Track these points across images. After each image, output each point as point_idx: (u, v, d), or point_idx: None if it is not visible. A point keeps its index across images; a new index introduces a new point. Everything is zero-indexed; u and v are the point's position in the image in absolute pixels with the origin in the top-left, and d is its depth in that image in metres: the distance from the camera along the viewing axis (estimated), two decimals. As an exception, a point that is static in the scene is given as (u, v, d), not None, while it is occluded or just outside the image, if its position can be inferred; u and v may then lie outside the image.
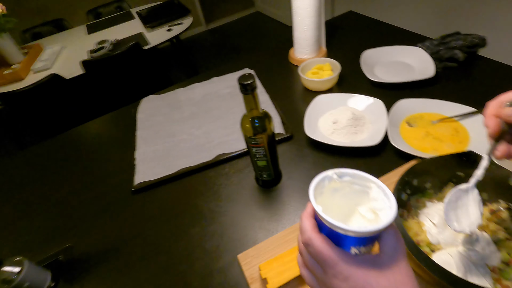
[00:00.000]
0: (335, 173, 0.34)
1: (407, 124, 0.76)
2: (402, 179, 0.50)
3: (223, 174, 0.76)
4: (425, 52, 0.95)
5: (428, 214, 0.50)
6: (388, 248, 0.29)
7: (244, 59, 1.20)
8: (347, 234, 0.28)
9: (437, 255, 0.45)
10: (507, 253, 0.45)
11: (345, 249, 0.30)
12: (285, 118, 0.86)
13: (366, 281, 0.27)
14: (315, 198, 0.31)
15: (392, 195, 0.30)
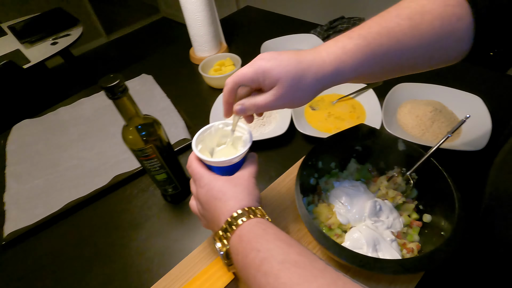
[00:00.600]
0: (221, 123, 0.46)
1: (310, 108, 0.77)
2: (304, 164, 0.47)
3: (123, 198, 0.65)
4: (318, 38, 0.99)
5: (336, 194, 0.49)
6: (242, 171, 0.41)
7: (145, 66, 1.08)
8: (212, 165, 0.42)
9: (348, 234, 0.44)
10: (408, 216, 0.46)
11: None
12: (190, 121, 0.79)
13: (220, 188, 0.38)
14: (198, 143, 0.45)
15: (250, 137, 0.43)
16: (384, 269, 0.33)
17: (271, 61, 0.36)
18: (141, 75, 0.99)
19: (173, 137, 0.73)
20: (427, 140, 0.65)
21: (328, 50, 0.36)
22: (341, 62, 0.36)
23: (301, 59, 0.36)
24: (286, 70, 0.35)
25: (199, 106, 0.85)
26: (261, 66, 0.36)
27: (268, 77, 0.36)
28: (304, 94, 0.38)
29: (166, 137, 0.54)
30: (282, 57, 0.36)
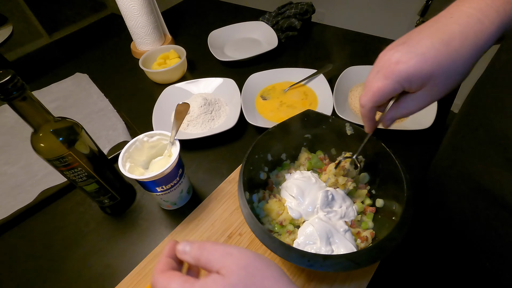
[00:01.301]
0: (145, 135, 0.49)
1: (261, 98, 0.73)
2: (249, 158, 0.43)
3: (55, 215, 0.56)
4: (267, 25, 0.95)
5: (286, 188, 0.46)
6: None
7: (82, 64, 0.97)
8: (145, 181, 0.44)
9: (301, 229, 0.41)
10: (361, 202, 0.45)
11: (153, 190, 0.47)
12: (132, 122, 0.71)
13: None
14: (125, 161, 0.46)
15: (177, 143, 0.47)
16: (334, 266, 0.31)
17: (413, 60, 0.27)
18: (75, 74, 0.88)
19: (112, 140, 0.65)
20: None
21: (476, 5, 0.27)
22: (504, 11, 0.27)
23: (448, 37, 0.27)
24: (438, 63, 0.27)
25: (141, 104, 0.78)
26: (402, 72, 0.28)
27: (415, 81, 0.28)
28: (463, 74, 0.29)
29: (93, 142, 0.47)
30: (423, 46, 0.27)
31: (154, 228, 0.53)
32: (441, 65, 0.27)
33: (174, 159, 0.45)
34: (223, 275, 0.24)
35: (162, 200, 0.51)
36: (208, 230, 0.51)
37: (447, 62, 0.27)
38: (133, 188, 0.58)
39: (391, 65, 0.28)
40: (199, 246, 0.27)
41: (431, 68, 0.27)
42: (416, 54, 0.27)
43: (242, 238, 0.49)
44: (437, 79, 0.28)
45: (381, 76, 0.28)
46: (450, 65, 0.27)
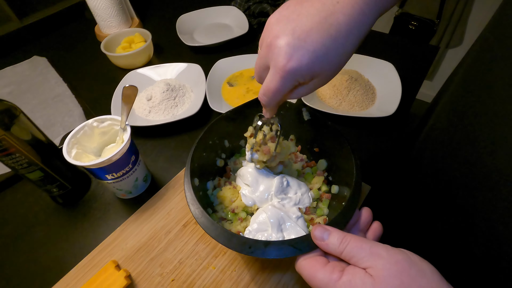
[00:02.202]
0: (95, 120, 0.46)
1: (228, 85, 0.71)
2: (200, 143, 0.42)
3: (2, 206, 0.53)
4: (239, 10, 0.92)
5: (241, 175, 0.44)
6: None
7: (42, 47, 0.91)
8: (92, 168, 0.42)
9: (254, 217, 0.40)
10: (317, 189, 0.44)
11: (103, 178, 0.45)
12: (89, 108, 0.68)
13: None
14: (71, 147, 0.44)
15: (128, 128, 0.45)
16: (276, 252, 0.30)
17: (304, 58, 0.26)
18: (32, 58, 0.83)
19: (66, 127, 0.62)
20: (344, 110, 0.64)
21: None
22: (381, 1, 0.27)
23: (335, 30, 0.26)
24: (327, 60, 0.27)
25: (103, 90, 0.74)
26: (296, 71, 0.27)
27: (307, 76, 0.28)
28: (345, 64, 0.29)
29: (36, 127, 0.44)
30: (313, 42, 0.26)
31: (108, 218, 0.51)
32: (330, 62, 0.27)
33: (123, 145, 0.42)
34: (373, 278, 0.24)
35: (115, 188, 0.48)
36: (164, 218, 0.49)
37: (334, 58, 0.27)
38: (87, 176, 0.55)
39: (284, 62, 0.27)
40: (341, 239, 0.27)
41: (321, 65, 0.27)
42: (307, 51, 0.26)
43: (198, 227, 0.48)
44: (326, 72, 0.28)
45: (278, 77, 0.28)
46: (337, 60, 0.28)
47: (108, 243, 0.46)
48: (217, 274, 0.43)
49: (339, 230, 0.28)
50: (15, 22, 2.30)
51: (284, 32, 0.27)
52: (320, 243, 0.28)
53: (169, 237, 0.47)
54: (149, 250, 0.46)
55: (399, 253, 0.25)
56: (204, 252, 0.45)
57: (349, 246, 0.26)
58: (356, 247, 0.26)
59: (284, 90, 0.29)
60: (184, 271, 0.43)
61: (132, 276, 0.43)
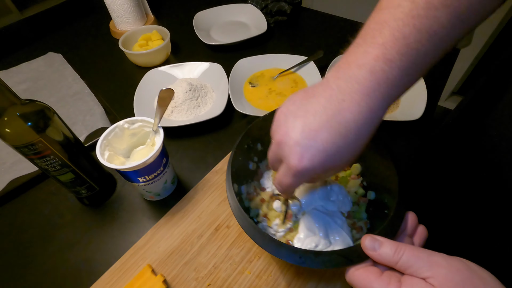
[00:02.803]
0: (126, 122, 0.45)
1: (249, 85, 0.70)
2: (238, 148, 0.41)
3: (26, 207, 0.52)
4: (256, 8, 0.91)
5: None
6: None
7: (55, 43, 0.89)
8: (126, 171, 0.41)
9: (301, 224, 0.40)
10: (355, 193, 0.44)
11: (135, 180, 0.44)
12: (111, 107, 0.66)
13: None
14: (103, 149, 0.43)
15: (161, 131, 0.44)
16: (326, 262, 0.29)
17: (316, 157, 0.26)
18: (47, 54, 0.81)
19: (88, 126, 0.61)
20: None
21: (361, 86, 0.25)
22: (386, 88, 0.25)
23: (345, 129, 0.26)
24: (339, 158, 0.27)
25: (121, 88, 0.73)
26: (308, 171, 0.27)
27: (319, 173, 0.28)
28: (357, 156, 0.29)
29: (67, 127, 0.43)
30: (323, 141, 0.26)
31: (136, 220, 0.50)
32: (342, 158, 0.27)
33: (157, 148, 0.42)
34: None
35: (145, 190, 0.48)
36: (194, 222, 0.49)
37: (346, 154, 0.27)
38: (113, 177, 0.54)
39: (295, 162, 0.27)
40: (394, 248, 0.26)
41: (333, 162, 0.27)
42: (318, 151, 0.26)
43: (230, 231, 0.47)
44: (339, 167, 0.28)
45: (291, 175, 0.28)
46: (349, 155, 0.27)
47: (140, 246, 0.46)
48: (253, 279, 0.42)
49: (389, 239, 0.28)
50: (15, 14, 2.25)
51: (293, 131, 0.27)
52: (372, 254, 0.28)
53: (201, 241, 0.46)
54: (182, 254, 0.45)
55: (457, 262, 0.25)
56: (238, 257, 0.45)
57: (405, 255, 0.26)
58: (413, 257, 0.26)
59: (297, 185, 0.30)
60: (219, 275, 0.43)
61: (167, 280, 0.42)
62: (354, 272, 0.28)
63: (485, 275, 0.24)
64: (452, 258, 0.25)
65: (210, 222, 0.48)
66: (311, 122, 0.26)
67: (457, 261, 0.25)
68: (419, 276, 0.25)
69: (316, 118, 0.26)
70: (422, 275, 0.25)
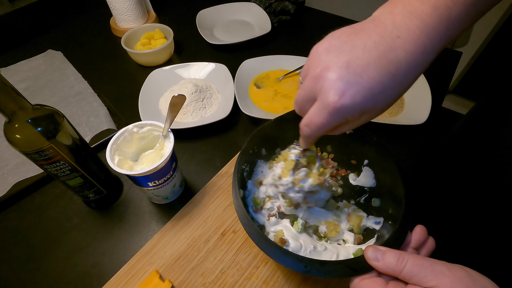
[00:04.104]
0: (135, 126, 0.45)
1: (255, 86, 0.70)
2: (243, 155, 0.41)
3: (32, 210, 0.52)
4: (260, 7, 0.90)
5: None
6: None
7: (53, 40, 0.88)
8: (136, 176, 0.41)
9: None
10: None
11: (145, 185, 0.44)
12: (114, 108, 0.66)
13: None
14: (113, 154, 0.42)
15: (171, 136, 0.44)
16: (331, 272, 0.30)
17: (359, 94, 0.24)
18: (47, 51, 0.80)
19: (93, 128, 0.60)
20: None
21: (420, 21, 0.24)
22: (445, 34, 0.24)
23: (395, 68, 0.24)
24: (383, 99, 0.25)
25: (125, 88, 0.72)
26: (348, 108, 0.25)
27: (358, 113, 0.26)
28: (398, 99, 0.27)
29: (75, 131, 0.42)
30: (370, 79, 0.24)
31: (144, 223, 0.50)
32: (385, 100, 0.26)
33: (168, 153, 0.42)
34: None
35: (154, 194, 0.48)
36: (201, 226, 0.49)
37: (391, 96, 0.25)
38: (119, 180, 0.54)
39: (335, 98, 0.24)
40: (397, 257, 0.27)
41: (375, 103, 0.25)
42: (363, 87, 0.24)
43: (236, 236, 0.48)
44: (378, 110, 0.26)
45: (326, 113, 0.26)
46: (393, 98, 0.26)
47: (147, 251, 0.46)
48: (260, 285, 0.43)
49: (392, 249, 0.28)
50: (5, 5, 2.19)
51: (337, 64, 0.24)
52: (375, 264, 0.28)
53: (208, 246, 0.47)
54: (189, 259, 0.45)
55: (460, 270, 0.25)
56: (245, 262, 0.45)
57: (409, 264, 0.26)
58: (417, 266, 0.26)
59: (329, 126, 0.27)
60: (226, 281, 0.43)
61: (175, 286, 0.43)
62: (359, 283, 0.28)
63: (487, 282, 0.25)
64: (454, 266, 0.25)
65: (216, 227, 0.49)
66: (359, 57, 0.24)
67: (459, 269, 0.25)
68: (424, 285, 0.25)
69: (366, 52, 0.24)
70: (427, 284, 0.25)
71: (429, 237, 0.33)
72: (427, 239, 0.33)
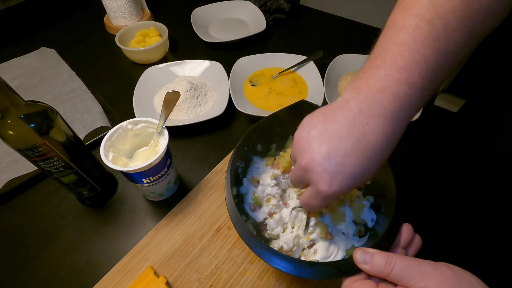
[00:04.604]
0: (129, 122, 0.45)
1: (250, 84, 0.70)
2: (238, 151, 0.41)
3: (25, 208, 0.51)
4: (255, 6, 0.90)
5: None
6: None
7: (46, 37, 0.87)
8: (131, 172, 0.41)
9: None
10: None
11: (139, 181, 0.44)
12: (109, 105, 0.66)
13: None
14: (107, 151, 0.42)
15: (166, 133, 0.44)
16: (320, 273, 0.30)
17: (344, 182, 0.27)
18: (40, 49, 0.79)
19: (87, 126, 0.60)
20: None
21: (384, 109, 0.26)
22: (408, 112, 0.27)
23: (371, 152, 0.27)
24: (365, 179, 0.28)
25: (119, 86, 0.72)
26: (336, 195, 0.28)
27: (347, 192, 0.29)
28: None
29: (69, 127, 0.42)
30: (351, 166, 0.27)
31: (138, 220, 0.50)
32: (368, 177, 0.28)
33: (163, 150, 0.42)
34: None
35: (148, 191, 0.48)
36: (196, 223, 0.49)
37: (371, 173, 0.28)
38: (114, 177, 0.54)
39: (325, 188, 0.28)
40: (385, 259, 0.27)
41: (359, 182, 0.28)
42: (346, 175, 0.27)
43: (231, 232, 0.48)
44: (363, 183, 0.31)
45: (319, 198, 0.29)
46: (372, 174, 0.28)
47: (142, 248, 0.46)
48: (254, 280, 0.43)
49: (380, 251, 0.28)
50: (-2, 3, 2.12)
51: (320, 156, 0.27)
52: (363, 267, 0.28)
53: (203, 242, 0.47)
54: (184, 255, 0.45)
55: (445, 269, 0.25)
56: (239, 258, 0.45)
57: (396, 266, 0.26)
58: (404, 267, 0.26)
59: (322, 207, 0.32)
60: (221, 276, 0.44)
61: (170, 281, 0.43)
62: (351, 285, 0.28)
63: (472, 279, 0.25)
64: (439, 265, 0.26)
65: (211, 223, 0.49)
66: (336, 148, 0.27)
67: (445, 268, 0.25)
68: (412, 286, 0.25)
69: (342, 143, 0.27)
70: (415, 286, 0.25)
71: (415, 235, 0.33)
72: (414, 237, 0.33)
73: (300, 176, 0.31)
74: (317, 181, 0.28)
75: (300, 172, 0.30)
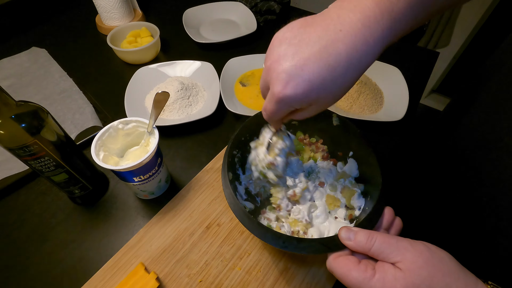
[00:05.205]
0: (120, 122, 0.46)
1: (240, 84, 0.71)
2: (236, 139, 0.43)
3: (16, 207, 0.52)
4: (246, 7, 0.92)
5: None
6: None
7: (37, 37, 0.87)
8: (121, 171, 0.42)
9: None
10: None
11: (130, 180, 0.45)
12: (100, 105, 0.66)
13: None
14: (98, 150, 0.43)
15: (156, 132, 0.45)
16: (307, 248, 0.32)
17: (299, 86, 0.26)
18: (31, 49, 0.79)
19: (78, 125, 0.61)
20: (354, 113, 0.66)
21: (361, 14, 0.25)
22: (388, 28, 0.26)
23: (334, 60, 0.25)
24: (323, 89, 0.27)
25: (111, 86, 0.72)
26: (290, 98, 0.27)
27: (303, 103, 0.28)
28: (346, 92, 0.29)
29: (60, 127, 0.43)
30: (310, 72, 0.26)
31: (130, 218, 0.51)
32: (327, 91, 0.27)
33: (153, 149, 0.43)
34: (403, 272, 0.26)
35: (139, 190, 0.49)
36: (186, 220, 0.50)
37: (332, 88, 0.27)
38: (105, 176, 0.55)
39: (279, 88, 0.27)
40: (367, 236, 0.29)
41: (316, 94, 0.27)
42: (303, 80, 0.26)
43: (221, 229, 0.49)
44: (322, 100, 0.28)
45: (273, 101, 0.28)
46: (335, 90, 0.28)
47: (133, 245, 0.47)
48: (243, 275, 0.45)
49: (363, 229, 0.31)
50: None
51: (284, 58, 0.26)
52: (347, 243, 0.30)
53: (193, 239, 0.48)
54: (175, 252, 0.47)
55: (420, 245, 0.28)
56: (229, 254, 0.47)
57: (377, 242, 0.28)
58: (384, 243, 0.28)
59: (279, 114, 0.30)
60: (211, 272, 0.45)
61: (160, 277, 0.44)
62: (335, 260, 0.30)
63: (443, 254, 0.27)
64: (416, 242, 0.28)
65: (201, 220, 0.50)
66: (303, 51, 0.26)
67: (420, 245, 0.28)
68: (389, 261, 0.28)
69: (309, 47, 0.26)
70: (392, 260, 0.27)
71: (396, 217, 0.36)
72: (395, 219, 0.35)
73: (264, 78, 0.30)
74: (274, 82, 0.27)
75: (265, 73, 0.29)
